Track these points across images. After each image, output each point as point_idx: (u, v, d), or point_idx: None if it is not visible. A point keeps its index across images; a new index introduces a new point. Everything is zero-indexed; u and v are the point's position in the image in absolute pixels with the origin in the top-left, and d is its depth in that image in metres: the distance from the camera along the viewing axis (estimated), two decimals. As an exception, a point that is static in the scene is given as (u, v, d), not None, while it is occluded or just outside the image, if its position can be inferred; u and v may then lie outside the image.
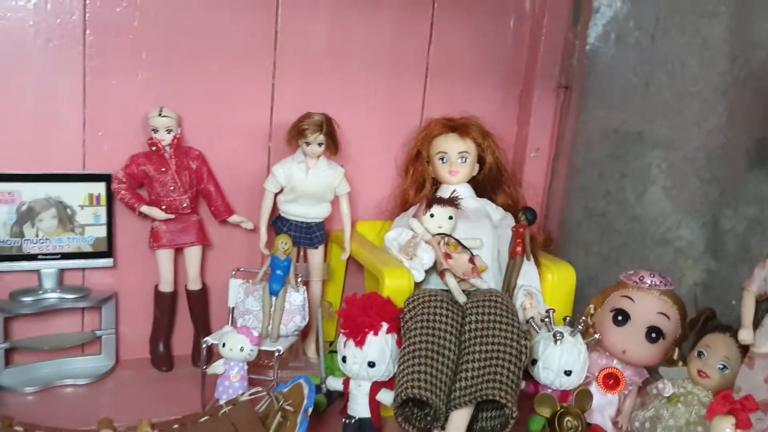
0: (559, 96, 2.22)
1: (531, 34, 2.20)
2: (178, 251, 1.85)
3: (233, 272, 1.79)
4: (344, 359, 1.57)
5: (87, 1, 1.69)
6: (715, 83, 1.90)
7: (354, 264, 2.02)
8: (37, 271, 1.75)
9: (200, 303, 1.90)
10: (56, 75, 1.71)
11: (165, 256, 1.82)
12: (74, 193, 1.76)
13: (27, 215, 1.72)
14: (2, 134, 1.69)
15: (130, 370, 1.85)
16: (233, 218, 1.88)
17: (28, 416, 1.36)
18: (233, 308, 1.78)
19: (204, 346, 1.67)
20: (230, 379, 1.57)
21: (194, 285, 1.88)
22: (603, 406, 1.68)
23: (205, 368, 1.63)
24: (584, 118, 2.20)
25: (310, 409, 1.36)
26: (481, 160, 2.00)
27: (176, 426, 1.37)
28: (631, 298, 1.65)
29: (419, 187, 2.01)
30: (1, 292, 1.73)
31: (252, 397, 1.42)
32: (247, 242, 1.97)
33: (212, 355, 1.74)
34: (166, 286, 1.85)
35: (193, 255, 1.85)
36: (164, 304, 1.87)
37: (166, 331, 1.89)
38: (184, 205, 1.79)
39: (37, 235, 1.74)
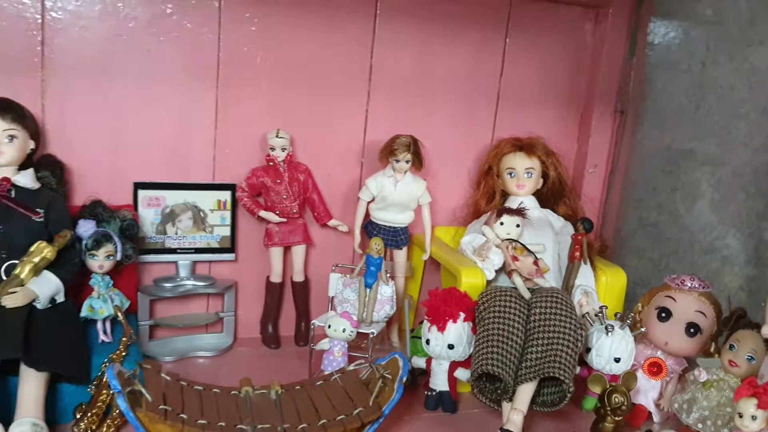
0: (616, 119, 2.50)
1: (591, 63, 2.49)
2: (287, 249, 2.21)
3: (333, 267, 2.13)
4: (428, 342, 1.90)
5: (221, 44, 2.06)
6: (762, 105, 2.10)
7: (431, 263, 2.34)
8: (175, 263, 2.14)
9: (303, 292, 2.26)
10: (195, 103, 2.09)
11: (276, 252, 2.19)
12: (206, 199, 2.14)
13: (169, 217, 2.11)
14: (151, 151, 2.08)
15: (246, 346, 2.23)
16: (332, 222, 2.23)
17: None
18: (333, 297, 2.12)
19: (312, 327, 2.02)
20: (334, 355, 1.91)
21: (299, 277, 2.24)
22: (647, 390, 1.96)
23: (313, 345, 1.98)
24: (639, 138, 2.46)
25: (405, 378, 1.69)
26: (544, 175, 2.30)
27: (298, 387, 1.73)
28: (673, 298, 1.92)
29: (489, 198, 2.32)
30: (147, 279, 2.12)
31: (356, 367, 1.76)
32: (340, 242, 2.32)
33: (312, 335, 2.09)
34: (276, 278, 2.21)
35: (299, 252, 2.21)
36: (274, 293, 2.23)
37: (275, 315, 2.26)
38: (294, 210, 2.15)
39: (176, 233, 2.12)
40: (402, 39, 2.26)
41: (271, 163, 2.11)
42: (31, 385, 1.54)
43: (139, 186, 2.06)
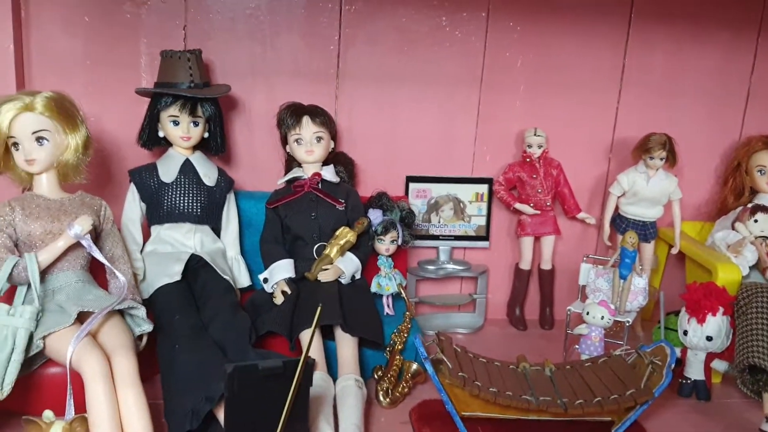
0: None
1: None
2: (536, 239, 2.38)
3: (584, 258, 2.27)
4: (685, 333, 2.00)
5: (486, 50, 2.27)
6: None
7: (670, 256, 2.41)
8: (436, 248, 2.39)
9: (549, 280, 2.43)
10: (460, 105, 2.32)
11: (528, 242, 2.37)
12: (466, 192, 2.36)
13: (433, 207, 2.36)
14: (420, 148, 2.33)
15: (495, 326, 2.44)
16: (581, 215, 2.37)
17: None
18: (584, 286, 2.26)
19: (568, 313, 2.18)
20: (592, 339, 2.06)
21: (546, 265, 2.41)
22: None
23: (570, 330, 2.14)
24: None
25: (673, 365, 1.80)
26: (798, 173, 2.28)
27: (568, 367, 1.90)
28: None
29: (738, 195, 2.35)
30: (412, 262, 2.39)
31: (622, 352, 1.90)
32: (585, 234, 2.46)
33: (569, 320, 2.25)
34: (526, 265, 2.40)
35: (548, 242, 2.38)
36: (522, 279, 2.42)
37: (522, 299, 2.45)
38: (548, 203, 2.32)
39: (438, 222, 2.37)
40: (653, 40, 2.34)
41: (528, 160, 2.29)
42: (348, 347, 1.84)
43: (410, 179, 2.33)
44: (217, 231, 2.07)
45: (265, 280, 2.00)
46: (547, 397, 1.74)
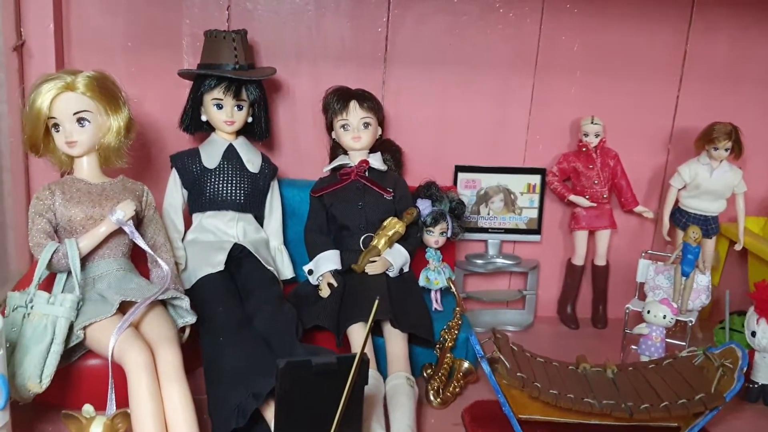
0: None
1: None
2: (591, 233, 2.27)
3: (642, 254, 2.16)
4: (753, 334, 1.87)
5: (541, 33, 2.15)
6: None
7: (730, 253, 2.28)
8: (485, 241, 2.29)
9: (603, 276, 2.31)
10: (512, 91, 2.21)
11: (582, 236, 2.25)
12: (517, 183, 2.26)
13: (483, 198, 2.26)
14: (469, 137, 2.23)
15: (545, 324, 2.33)
16: (638, 208, 2.25)
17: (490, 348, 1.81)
18: (642, 283, 2.15)
19: (626, 311, 2.07)
20: (652, 340, 1.95)
21: (601, 261, 2.29)
22: None
23: (628, 329, 2.03)
24: None
25: (745, 368, 1.68)
26: None
27: (630, 369, 1.79)
28: None
29: (806, 189, 2.22)
30: (459, 255, 2.29)
31: (689, 354, 1.79)
32: (641, 228, 2.34)
33: (627, 319, 2.13)
34: (579, 260, 2.28)
35: (603, 237, 2.26)
36: (575, 275, 2.31)
37: (574, 296, 2.34)
38: (604, 196, 2.20)
39: (488, 214, 2.27)
40: (718, 23, 2.20)
41: (584, 149, 2.18)
42: (398, 344, 1.75)
43: (459, 168, 2.22)
44: (259, 220, 1.98)
45: (310, 272, 1.91)
46: (610, 401, 1.64)
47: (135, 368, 1.38)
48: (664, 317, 1.94)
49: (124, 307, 1.51)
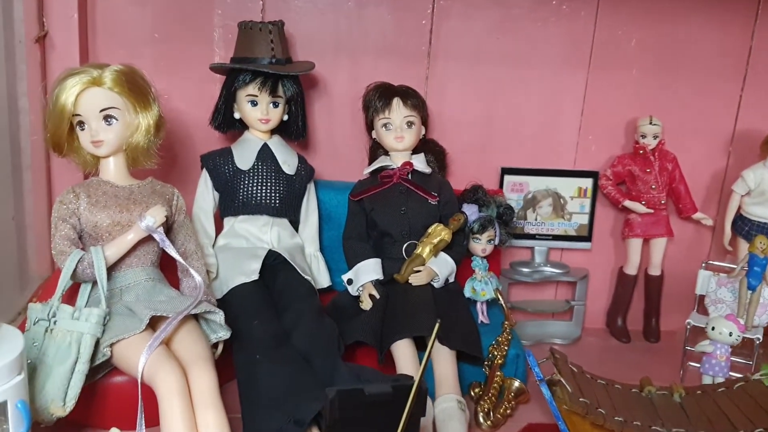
0: None
1: None
2: (645, 241, 2.12)
3: (702, 264, 2.01)
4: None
5: (596, 27, 2.01)
6: None
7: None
8: (531, 248, 2.14)
9: (657, 287, 2.16)
10: (563, 89, 2.06)
11: (636, 244, 2.11)
12: (567, 186, 2.11)
13: (530, 202, 2.12)
14: (517, 138, 2.09)
15: (594, 337, 2.19)
16: (697, 215, 2.10)
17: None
18: (702, 296, 2.00)
19: (687, 326, 1.92)
20: (717, 358, 1.80)
21: (655, 271, 2.14)
22: None
23: (690, 346, 1.88)
24: None
25: (829, 396, 1.54)
26: None
27: (699, 392, 1.65)
28: None
29: None
30: (503, 263, 2.15)
31: (762, 376, 1.64)
32: (698, 236, 2.19)
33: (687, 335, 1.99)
34: (632, 270, 2.14)
35: (659, 245, 2.11)
36: (627, 285, 2.16)
37: (625, 308, 2.19)
38: (662, 201, 2.05)
39: (536, 219, 2.13)
40: (788, 17, 2.05)
41: (641, 151, 2.03)
42: (447, 363, 1.61)
43: (505, 171, 2.08)
44: (294, 224, 1.86)
45: (350, 282, 1.78)
46: (680, 429, 1.50)
47: (167, 393, 1.26)
48: (731, 335, 1.79)
49: (153, 322, 1.39)
